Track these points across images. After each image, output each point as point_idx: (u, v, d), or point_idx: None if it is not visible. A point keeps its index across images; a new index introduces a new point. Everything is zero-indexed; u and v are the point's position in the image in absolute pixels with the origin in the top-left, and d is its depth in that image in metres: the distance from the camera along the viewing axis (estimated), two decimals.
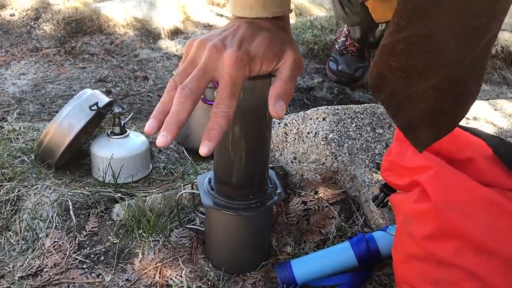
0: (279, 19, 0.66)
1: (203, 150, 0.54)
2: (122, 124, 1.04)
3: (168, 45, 1.96)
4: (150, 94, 1.58)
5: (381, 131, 0.98)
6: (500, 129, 1.04)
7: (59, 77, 1.67)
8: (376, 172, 0.91)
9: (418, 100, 0.52)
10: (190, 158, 1.13)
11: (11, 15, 1.95)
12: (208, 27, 2.23)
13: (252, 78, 0.59)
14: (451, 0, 0.45)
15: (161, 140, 0.53)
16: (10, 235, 0.88)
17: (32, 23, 1.93)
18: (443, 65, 0.49)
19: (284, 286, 0.77)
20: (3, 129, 1.17)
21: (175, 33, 2.07)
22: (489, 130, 1.03)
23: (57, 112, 1.45)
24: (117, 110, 1.04)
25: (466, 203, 0.57)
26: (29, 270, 0.80)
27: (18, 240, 0.87)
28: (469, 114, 1.07)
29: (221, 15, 2.37)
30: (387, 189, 0.72)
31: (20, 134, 1.15)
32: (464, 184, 0.58)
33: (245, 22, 0.63)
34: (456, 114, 0.54)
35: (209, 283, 0.79)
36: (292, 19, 2.48)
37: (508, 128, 1.04)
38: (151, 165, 1.10)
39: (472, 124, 1.05)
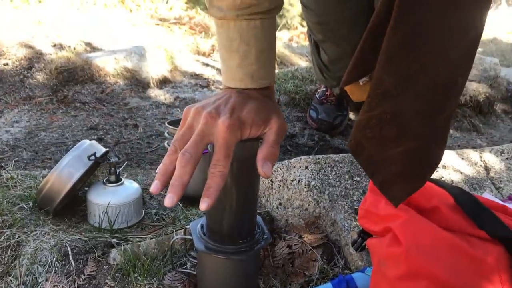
0: (265, 89, 0.76)
1: (203, 206, 0.63)
2: (118, 172, 1.11)
3: (157, 93, 2.05)
4: (140, 142, 1.66)
5: (358, 179, 1.07)
6: (467, 177, 1.13)
7: (52, 125, 1.74)
8: (354, 218, 0.99)
9: (391, 162, 0.61)
10: (181, 205, 1.19)
11: (4, 65, 2.02)
12: (195, 76, 2.33)
13: (243, 140, 0.68)
14: (414, 87, 0.55)
15: (168, 201, 0.62)
16: (11, 280, 0.92)
17: (25, 72, 2.01)
18: (410, 136, 0.59)
19: None
20: (1, 177, 1.22)
21: (163, 82, 2.17)
22: (457, 177, 1.13)
23: (50, 159, 1.52)
24: (113, 159, 1.10)
25: (432, 247, 0.65)
26: None
27: (18, 285, 0.91)
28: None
29: (207, 65, 2.48)
30: (364, 234, 0.79)
31: (18, 182, 1.21)
32: (431, 230, 0.66)
33: (235, 92, 0.73)
34: (424, 174, 0.64)
35: None
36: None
37: (474, 175, 1.14)
38: (143, 211, 1.16)
39: (441, 172, 1.14)
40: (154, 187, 0.64)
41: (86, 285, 0.92)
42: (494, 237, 0.66)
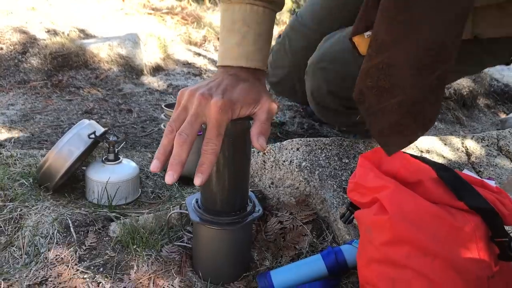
0: (257, 72, 0.82)
1: (197, 181, 0.70)
2: (116, 151, 1.15)
3: (150, 80, 2.08)
4: (135, 126, 1.70)
5: (347, 160, 1.13)
6: (449, 161, 1.20)
7: (47, 108, 1.77)
8: (343, 196, 1.04)
9: (388, 113, 0.68)
10: (176, 184, 1.24)
11: None
12: (187, 64, 2.37)
13: (234, 120, 0.73)
14: (406, 43, 0.62)
15: (169, 178, 0.68)
16: (14, 250, 0.96)
17: (20, 56, 2.03)
18: (402, 87, 0.65)
19: None
20: (1, 155, 1.26)
21: (156, 70, 2.20)
22: (440, 161, 1.19)
23: (46, 141, 1.55)
24: (112, 138, 1.14)
25: (415, 215, 0.71)
26: (34, 279, 0.89)
27: (22, 255, 0.95)
28: (423, 148, 1.23)
29: (199, 54, 2.52)
30: (352, 207, 0.85)
31: (17, 160, 1.24)
32: (414, 200, 0.72)
33: (227, 75, 0.79)
34: (417, 129, 0.70)
35: None
36: None
37: (456, 160, 1.20)
38: (140, 189, 1.20)
39: (425, 156, 1.20)
40: (154, 166, 0.70)
41: (87, 255, 0.96)
42: (472, 208, 0.72)
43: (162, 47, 2.36)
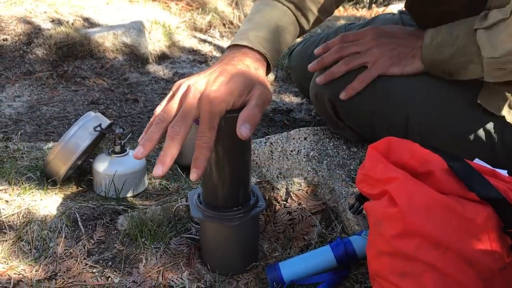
0: (261, 60, 0.82)
1: (193, 176, 0.70)
2: (123, 143, 1.14)
3: (156, 69, 2.07)
4: (141, 116, 1.69)
5: (355, 149, 1.11)
6: None
7: (53, 99, 1.76)
8: (351, 185, 1.03)
9: None
10: (184, 174, 1.23)
11: (4, 40, 2.03)
12: (193, 52, 2.35)
13: (230, 112, 0.72)
14: None
15: (157, 171, 0.70)
16: (23, 245, 0.96)
17: (25, 47, 2.02)
18: None
19: (274, 285, 0.88)
20: (8, 148, 1.26)
21: (162, 58, 2.19)
22: None
23: (53, 132, 1.55)
24: (118, 131, 1.14)
25: (426, 207, 0.69)
26: (44, 274, 0.89)
27: (31, 249, 0.95)
28: None
29: (204, 41, 2.50)
30: (362, 198, 0.84)
31: (25, 153, 1.24)
32: (425, 192, 0.71)
33: (229, 59, 0.79)
34: None
35: (207, 283, 0.89)
36: None
37: None
38: (147, 181, 1.20)
39: None
40: (137, 152, 0.70)
41: (96, 249, 0.96)
42: (483, 199, 0.70)
43: (167, 34, 2.34)
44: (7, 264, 0.91)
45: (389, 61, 0.95)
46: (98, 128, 1.11)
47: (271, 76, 2.04)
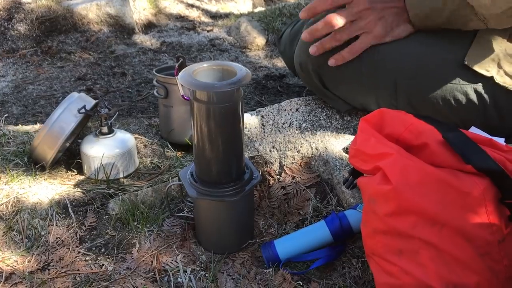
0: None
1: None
2: (109, 123, 1.11)
3: (143, 39, 2.01)
4: (130, 90, 1.65)
5: (349, 118, 1.08)
6: None
7: (39, 77, 1.72)
8: (346, 157, 1.00)
9: None
10: (175, 152, 1.21)
11: None
12: (180, 18, 2.28)
13: (223, 85, 0.76)
14: None
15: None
16: (14, 235, 0.95)
17: (6, 24, 1.95)
18: None
19: (269, 263, 0.87)
20: None
21: (148, 27, 2.12)
22: None
23: (41, 113, 1.51)
24: (103, 111, 1.10)
25: (420, 183, 0.67)
26: (37, 265, 0.88)
27: (22, 239, 0.94)
28: None
29: (192, 6, 2.42)
30: (355, 172, 0.81)
31: (11, 138, 1.21)
32: (418, 167, 0.68)
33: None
34: None
35: (202, 265, 0.88)
36: (261, 7, 2.54)
37: None
38: (138, 160, 1.17)
39: None
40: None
41: (88, 236, 0.94)
42: (480, 171, 0.68)
43: (153, 1, 2.26)
44: None
45: (383, 31, 0.91)
46: (83, 110, 1.07)
47: (262, 41, 1.98)
